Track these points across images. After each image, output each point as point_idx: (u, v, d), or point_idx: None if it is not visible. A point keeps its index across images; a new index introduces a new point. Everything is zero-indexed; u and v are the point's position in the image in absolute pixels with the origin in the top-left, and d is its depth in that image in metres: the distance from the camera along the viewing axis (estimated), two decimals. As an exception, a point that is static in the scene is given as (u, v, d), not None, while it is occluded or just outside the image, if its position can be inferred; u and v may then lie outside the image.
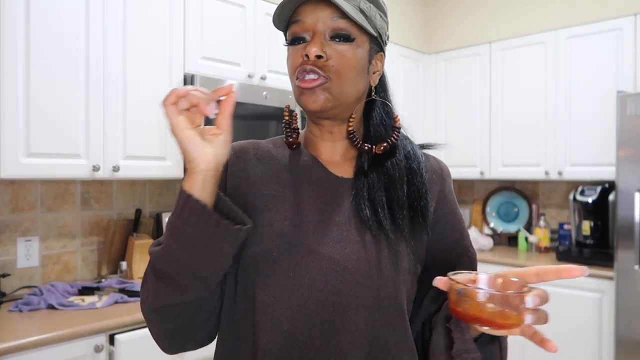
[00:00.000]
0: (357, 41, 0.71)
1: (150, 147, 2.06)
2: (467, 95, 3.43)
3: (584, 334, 2.62)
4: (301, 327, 0.68)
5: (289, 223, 0.72)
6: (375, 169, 0.75)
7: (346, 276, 0.68)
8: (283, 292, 0.69)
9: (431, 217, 0.76)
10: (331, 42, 0.70)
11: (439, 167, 0.82)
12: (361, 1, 0.72)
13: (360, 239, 0.71)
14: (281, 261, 0.70)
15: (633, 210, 2.46)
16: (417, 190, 0.74)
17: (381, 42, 0.77)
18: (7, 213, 1.98)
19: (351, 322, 0.68)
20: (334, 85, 0.70)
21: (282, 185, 0.76)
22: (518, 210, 3.48)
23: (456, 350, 0.66)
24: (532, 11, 3.14)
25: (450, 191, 0.81)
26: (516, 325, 0.55)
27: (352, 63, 0.71)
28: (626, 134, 2.48)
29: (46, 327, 1.57)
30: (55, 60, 1.79)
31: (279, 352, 0.68)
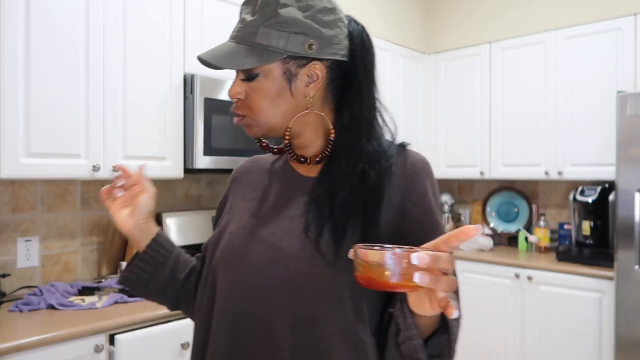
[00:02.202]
0: (261, 75, 0.79)
1: (150, 147, 2.06)
2: (467, 95, 3.43)
3: (584, 334, 2.62)
4: (247, 308, 0.77)
5: (250, 217, 0.84)
6: (333, 173, 0.80)
7: (290, 263, 0.76)
8: (236, 275, 0.79)
9: (384, 222, 0.77)
10: (243, 83, 0.81)
11: (413, 161, 0.83)
12: (259, 34, 0.77)
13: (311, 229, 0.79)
14: (234, 247, 0.81)
15: (633, 210, 2.46)
16: (370, 192, 0.78)
17: (306, 53, 0.78)
18: (7, 213, 1.98)
19: (292, 306, 0.74)
20: (251, 119, 0.82)
21: (260, 188, 0.89)
22: (518, 210, 3.48)
23: (401, 337, 0.68)
24: (532, 11, 3.14)
25: (421, 186, 0.81)
26: (409, 285, 0.54)
27: (261, 96, 0.79)
28: (626, 134, 2.48)
29: (46, 327, 1.57)
30: (55, 60, 1.79)
31: (229, 327, 0.78)
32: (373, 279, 0.56)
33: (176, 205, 2.50)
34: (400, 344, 0.68)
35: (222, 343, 0.78)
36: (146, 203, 0.85)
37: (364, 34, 0.86)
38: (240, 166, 0.98)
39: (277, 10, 0.77)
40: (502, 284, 2.93)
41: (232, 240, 0.82)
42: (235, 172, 0.98)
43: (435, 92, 3.62)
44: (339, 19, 0.82)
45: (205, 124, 2.14)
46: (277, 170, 0.90)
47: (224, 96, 2.20)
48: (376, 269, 0.55)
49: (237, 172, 0.97)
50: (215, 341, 0.79)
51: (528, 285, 2.82)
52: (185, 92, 2.16)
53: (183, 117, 2.16)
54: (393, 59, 3.32)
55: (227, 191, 0.96)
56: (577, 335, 2.65)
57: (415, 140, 3.54)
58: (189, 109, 2.15)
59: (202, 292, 0.86)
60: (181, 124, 2.16)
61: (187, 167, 2.17)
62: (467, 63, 3.43)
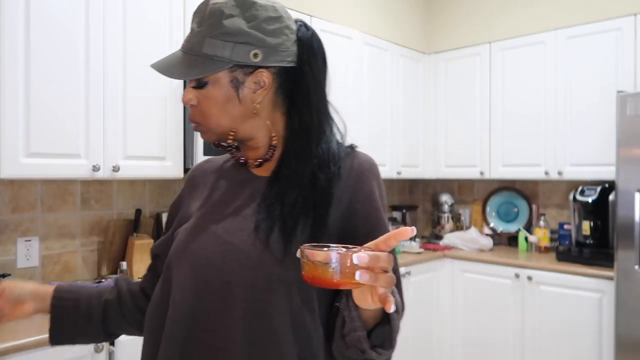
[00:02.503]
0: (210, 83, 0.82)
1: (150, 147, 2.06)
2: (467, 95, 3.43)
3: (584, 334, 2.62)
4: (202, 299, 0.80)
5: (205, 215, 0.87)
6: (284, 176, 0.84)
7: (241, 259, 0.79)
8: (189, 269, 0.82)
9: (333, 219, 0.82)
10: (194, 90, 0.84)
11: (360, 162, 0.87)
12: (205, 44, 0.80)
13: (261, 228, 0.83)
14: (187, 243, 0.85)
15: (633, 210, 2.46)
16: (320, 194, 0.82)
17: (252, 62, 0.81)
18: (7, 213, 1.98)
19: (241, 300, 0.78)
20: (204, 126, 0.86)
21: (216, 189, 0.92)
22: (518, 210, 3.48)
23: (346, 329, 0.73)
24: (532, 11, 3.14)
25: (368, 185, 0.85)
26: (351, 283, 0.59)
27: (210, 103, 0.83)
28: (626, 134, 2.48)
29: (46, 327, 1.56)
30: (55, 60, 1.79)
31: (183, 319, 0.81)
32: (318, 277, 0.60)
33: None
34: (345, 335, 0.74)
35: (177, 334, 0.81)
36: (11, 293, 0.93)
37: (314, 40, 0.87)
38: (196, 167, 1.02)
39: (222, 22, 0.80)
40: (502, 284, 2.93)
41: (186, 237, 0.86)
42: (190, 173, 1.01)
43: (435, 92, 3.62)
44: (286, 26, 0.84)
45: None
46: (231, 169, 0.94)
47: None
48: (321, 268, 0.60)
49: (193, 173, 1.00)
50: (170, 332, 0.81)
51: (528, 285, 2.82)
52: (185, 92, 2.16)
53: (183, 117, 2.16)
54: (393, 59, 3.32)
55: (181, 192, 1.00)
56: (577, 335, 2.65)
57: (415, 140, 3.55)
58: (188, 109, 2.14)
59: (158, 288, 0.89)
60: (181, 124, 2.16)
61: (187, 167, 2.17)
62: (467, 63, 3.43)
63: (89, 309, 0.97)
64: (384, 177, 3.23)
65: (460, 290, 3.13)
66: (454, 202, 3.68)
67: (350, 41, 3.01)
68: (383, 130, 3.23)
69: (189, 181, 0.99)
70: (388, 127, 3.27)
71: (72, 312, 0.96)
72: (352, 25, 3.03)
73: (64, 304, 0.96)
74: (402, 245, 3.20)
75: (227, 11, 0.81)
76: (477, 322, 3.04)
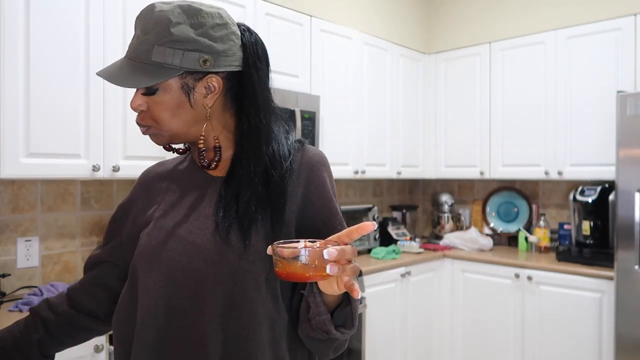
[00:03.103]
0: (160, 89, 0.83)
1: (150, 147, 2.06)
2: (467, 95, 3.43)
3: (584, 334, 2.62)
4: (174, 301, 0.82)
5: (166, 218, 0.89)
6: (237, 177, 0.86)
7: (207, 257, 0.82)
8: (154, 273, 0.84)
9: (289, 212, 0.86)
10: (143, 96, 0.85)
11: (311, 155, 0.91)
12: (154, 52, 0.81)
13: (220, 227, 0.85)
14: (152, 247, 0.86)
15: (633, 210, 2.46)
16: (274, 191, 0.85)
17: (202, 68, 0.83)
18: (7, 213, 1.98)
19: (212, 296, 0.81)
20: (156, 130, 0.87)
21: (172, 192, 0.93)
22: (518, 210, 3.48)
23: (312, 313, 0.79)
24: (532, 11, 3.14)
25: (319, 175, 0.90)
26: (322, 276, 0.65)
27: (161, 108, 0.85)
28: (626, 134, 2.49)
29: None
30: (55, 60, 1.79)
31: (155, 321, 0.82)
32: (292, 273, 0.65)
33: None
34: (311, 319, 0.79)
35: (149, 337, 0.82)
36: None
37: (258, 44, 0.90)
38: (147, 171, 1.03)
39: (169, 29, 0.81)
40: (502, 284, 2.93)
41: (149, 241, 0.87)
42: (142, 178, 1.01)
43: (435, 92, 3.62)
44: (232, 32, 0.86)
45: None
46: (185, 171, 0.96)
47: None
48: (293, 264, 0.65)
49: (145, 178, 1.01)
50: (142, 336, 0.83)
51: (528, 285, 2.82)
52: (185, 92, 2.16)
53: (183, 117, 2.16)
54: (393, 59, 3.33)
55: (132, 195, 1.00)
56: (577, 335, 2.65)
57: (415, 140, 3.55)
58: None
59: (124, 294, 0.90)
60: (181, 124, 2.16)
61: (187, 167, 2.16)
62: (467, 63, 3.43)
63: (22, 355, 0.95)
64: (384, 177, 3.25)
65: (460, 290, 3.13)
66: (454, 202, 3.68)
67: (350, 41, 3.01)
68: (383, 130, 3.23)
69: (141, 185, 1.00)
70: (388, 127, 3.27)
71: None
72: (352, 25, 3.03)
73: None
74: (402, 246, 3.20)
75: (174, 19, 0.82)
76: (477, 322, 3.04)
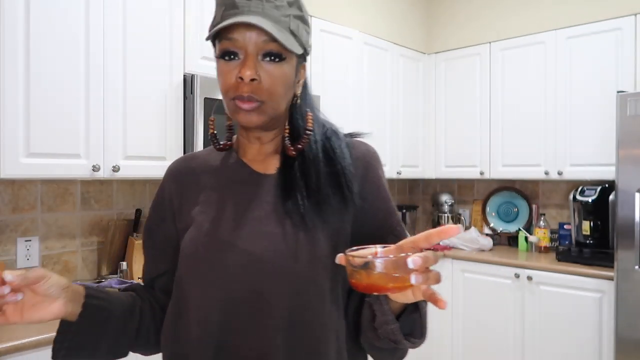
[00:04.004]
0: (286, 60, 0.77)
1: (150, 147, 2.06)
2: (467, 95, 3.43)
3: (584, 334, 2.62)
4: (231, 317, 0.75)
5: (212, 223, 0.80)
6: (295, 162, 0.81)
7: (265, 267, 0.75)
8: (209, 287, 0.77)
9: (356, 194, 0.81)
10: (262, 63, 0.75)
11: (363, 151, 0.86)
12: (291, 21, 0.76)
13: (278, 231, 0.77)
14: (205, 258, 0.78)
15: (633, 210, 2.46)
16: (340, 167, 0.80)
17: (305, 54, 0.82)
18: (7, 213, 1.98)
19: (273, 308, 0.75)
20: (267, 106, 0.77)
21: (212, 189, 0.85)
22: (518, 210, 3.48)
23: (378, 322, 0.72)
24: (532, 11, 3.14)
25: (375, 174, 0.85)
26: (405, 286, 0.59)
27: (281, 81, 0.77)
28: (626, 134, 2.48)
29: (46, 327, 1.56)
30: (55, 60, 1.79)
31: (211, 340, 0.76)
32: (371, 284, 0.59)
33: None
34: (377, 328, 0.72)
35: (207, 356, 0.76)
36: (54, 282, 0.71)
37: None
38: (177, 165, 0.93)
39: (302, 7, 0.80)
40: (502, 284, 2.93)
41: (195, 249, 0.79)
42: (173, 172, 0.91)
43: (435, 92, 3.62)
44: None
45: (205, 124, 2.14)
46: (228, 168, 0.87)
47: (224, 96, 2.20)
48: (371, 275, 0.58)
49: (176, 172, 0.91)
50: (198, 354, 0.77)
51: (528, 285, 2.82)
52: (185, 92, 2.16)
53: (183, 117, 2.16)
54: (393, 59, 3.32)
55: (164, 194, 0.90)
56: (577, 335, 2.65)
57: (415, 140, 3.55)
58: (189, 109, 2.15)
59: (171, 309, 0.83)
60: (181, 124, 2.16)
61: (187, 167, 2.16)
62: (467, 63, 3.43)
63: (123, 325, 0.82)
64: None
65: (460, 290, 3.13)
66: (454, 202, 3.68)
67: (350, 41, 3.01)
68: (383, 130, 3.23)
69: (174, 181, 0.90)
70: (388, 127, 3.27)
71: (101, 325, 0.79)
72: (352, 25, 3.03)
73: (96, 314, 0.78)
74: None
75: (302, 1, 0.81)
76: (477, 322, 3.04)
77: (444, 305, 0.58)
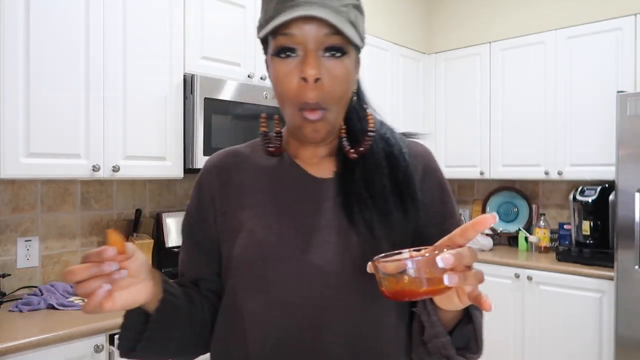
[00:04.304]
0: (347, 54, 0.70)
1: (150, 147, 2.06)
2: (467, 95, 3.43)
3: (584, 334, 2.62)
4: (291, 332, 0.70)
5: (269, 231, 0.73)
6: (355, 166, 0.75)
7: (329, 280, 0.70)
8: (269, 301, 0.71)
9: (420, 197, 0.75)
10: (323, 59, 0.68)
11: (421, 152, 0.81)
12: (350, 11, 0.69)
13: (341, 241, 0.71)
14: (262, 269, 0.72)
15: (633, 210, 2.45)
16: (402, 175, 0.74)
17: (362, 45, 0.75)
18: (7, 213, 1.98)
19: (337, 323, 0.69)
20: (331, 112, 0.70)
21: (263, 191, 0.77)
22: (518, 210, 3.48)
23: (427, 335, 0.66)
24: (532, 11, 3.14)
25: (436, 175, 0.80)
26: (439, 289, 0.53)
27: (344, 79, 0.69)
28: (626, 134, 2.48)
29: (46, 327, 1.57)
30: (55, 60, 1.79)
31: (271, 357, 0.70)
32: (402, 291, 0.54)
33: (176, 205, 2.50)
34: (426, 342, 0.66)
35: None
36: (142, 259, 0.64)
37: None
38: (218, 160, 0.83)
39: None
40: (502, 284, 2.93)
41: (252, 259, 0.73)
42: (215, 168, 0.82)
43: (435, 92, 3.62)
44: None
45: (205, 124, 2.14)
46: (280, 170, 0.78)
47: (223, 96, 2.20)
48: (402, 280, 0.53)
49: (218, 169, 0.81)
50: None
51: (528, 285, 2.82)
52: (185, 92, 2.16)
53: (183, 117, 2.16)
54: (393, 59, 3.32)
55: (205, 192, 0.81)
56: (577, 335, 2.65)
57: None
58: (189, 109, 2.15)
59: (221, 321, 0.77)
60: (181, 124, 2.16)
61: (187, 167, 2.17)
62: (467, 63, 3.43)
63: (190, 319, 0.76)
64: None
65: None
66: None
67: (350, 41, 3.00)
68: (383, 130, 3.22)
69: (218, 176, 0.81)
70: (388, 127, 3.26)
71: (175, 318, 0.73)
72: (352, 25, 3.02)
73: (173, 301, 0.72)
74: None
75: None
76: (477, 322, 3.03)
77: (488, 307, 0.53)
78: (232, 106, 2.23)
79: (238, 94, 2.25)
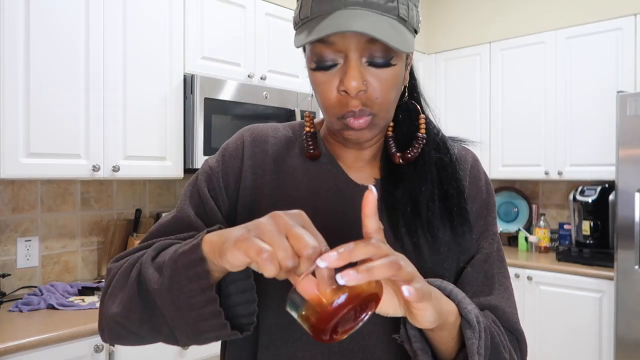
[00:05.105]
0: (396, 58, 0.62)
1: (150, 147, 2.06)
2: (467, 95, 3.43)
3: (584, 334, 2.62)
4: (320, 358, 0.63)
5: None
6: (401, 173, 0.68)
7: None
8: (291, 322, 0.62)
9: (470, 212, 0.69)
10: (369, 68, 0.60)
11: (470, 161, 0.77)
12: (399, 5, 0.60)
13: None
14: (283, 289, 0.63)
15: (633, 210, 2.45)
16: (453, 189, 0.68)
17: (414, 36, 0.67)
18: (7, 213, 1.98)
19: (376, 350, 0.64)
20: (379, 118, 0.64)
21: (297, 190, 0.69)
22: (518, 210, 3.48)
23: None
24: (532, 11, 3.14)
25: (488, 192, 0.74)
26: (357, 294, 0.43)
27: (392, 85, 0.62)
28: (626, 134, 2.48)
29: (46, 327, 1.57)
30: (55, 60, 1.79)
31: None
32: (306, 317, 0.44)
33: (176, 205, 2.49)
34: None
35: None
36: None
37: None
38: (260, 132, 0.74)
39: None
40: (502, 284, 2.92)
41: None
42: (257, 136, 0.73)
43: (435, 92, 3.62)
44: None
45: (205, 124, 2.14)
46: (319, 172, 0.70)
47: (223, 96, 2.20)
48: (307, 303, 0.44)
49: (258, 142, 0.73)
50: None
51: (528, 285, 2.82)
52: (185, 92, 2.16)
53: (183, 117, 2.16)
54: (393, 59, 3.32)
55: (241, 150, 0.72)
56: (577, 335, 2.65)
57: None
58: (189, 109, 2.15)
59: None
60: (181, 124, 2.16)
61: (187, 167, 2.17)
62: (467, 63, 3.43)
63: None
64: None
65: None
66: (454, 202, 3.68)
67: (350, 41, 3.00)
68: (383, 130, 3.22)
69: (257, 147, 0.72)
70: (388, 127, 3.26)
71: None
72: (352, 25, 3.02)
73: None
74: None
75: None
76: (477, 322, 3.03)
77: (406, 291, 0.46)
78: (232, 106, 2.23)
79: (238, 94, 2.25)
